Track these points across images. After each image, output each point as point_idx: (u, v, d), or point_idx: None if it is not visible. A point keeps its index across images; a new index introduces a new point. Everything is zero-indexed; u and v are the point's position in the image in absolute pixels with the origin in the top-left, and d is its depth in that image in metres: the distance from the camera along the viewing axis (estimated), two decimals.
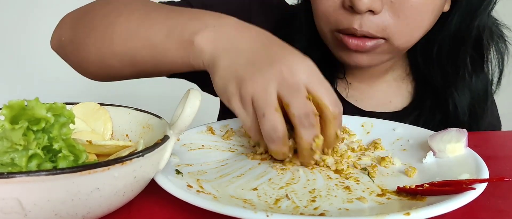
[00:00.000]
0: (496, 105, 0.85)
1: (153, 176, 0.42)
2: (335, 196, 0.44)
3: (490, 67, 0.77)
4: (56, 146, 0.38)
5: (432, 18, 0.66)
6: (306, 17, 0.74)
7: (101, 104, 0.51)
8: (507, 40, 0.76)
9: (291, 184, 0.47)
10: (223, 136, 0.59)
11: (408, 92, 0.80)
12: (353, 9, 0.61)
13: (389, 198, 0.44)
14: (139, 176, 0.38)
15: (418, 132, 0.59)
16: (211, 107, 0.85)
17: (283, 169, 0.51)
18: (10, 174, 0.31)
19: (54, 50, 0.68)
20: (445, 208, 0.37)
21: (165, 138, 0.41)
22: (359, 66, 0.69)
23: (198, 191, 0.43)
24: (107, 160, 0.35)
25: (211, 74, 0.50)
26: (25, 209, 0.33)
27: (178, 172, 0.47)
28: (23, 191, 0.32)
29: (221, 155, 0.55)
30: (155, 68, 0.57)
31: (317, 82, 0.47)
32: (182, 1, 0.75)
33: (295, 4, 0.83)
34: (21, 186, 0.32)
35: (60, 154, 0.38)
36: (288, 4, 0.84)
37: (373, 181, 0.48)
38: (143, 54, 0.56)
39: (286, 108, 0.46)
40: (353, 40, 0.64)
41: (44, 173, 0.32)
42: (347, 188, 0.46)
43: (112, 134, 0.50)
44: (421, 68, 0.78)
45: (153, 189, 0.42)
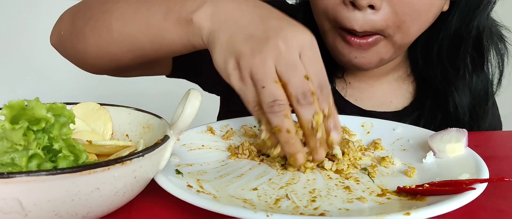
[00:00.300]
0: (497, 107, 0.85)
1: (153, 176, 0.42)
2: (335, 196, 0.44)
3: (490, 68, 0.77)
4: (56, 146, 0.38)
5: (431, 15, 0.66)
6: (305, 17, 0.74)
7: (101, 104, 0.51)
8: (506, 41, 0.76)
9: (291, 184, 0.47)
10: (223, 136, 0.59)
11: (408, 92, 0.80)
12: (354, 5, 0.61)
13: (389, 198, 0.44)
14: (139, 176, 0.38)
15: (418, 132, 0.59)
16: (211, 107, 0.85)
17: (283, 169, 0.51)
18: (10, 174, 0.31)
19: (54, 46, 0.68)
20: (445, 208, 0.37)
21: (165, 138, 0.41)
22: (359, 67, 0.69)
23: (198, 191, 0.43)
24: (107, 160, 0.35)
25: (211, 51, 0.50)
26: (25, 209, 0.33)
27: (178, 172, 0.47)
28: (23, 191, 0.32)
29: (221, 155, 0.55)
30: (155, 51, 0.57)
31: (312, 59, 0.47)
32: None
33: (294, 4, 0.83)
34: (21, 186, 0.32)
35: (60, 154, 0.38)
36: (288, 4, 0.84)
37: (373, 181, 0.48)
38: (141, 38, 0.56)
39: (284, 86, 0.46)
40: (354, 38, 0.64)
41: (44, 173, 0.32)
42: (347, 188, 0.46)
43: (112, 134, 0.50)
44: (422, 68, 0.78)
45: (153, 189, 0.42)
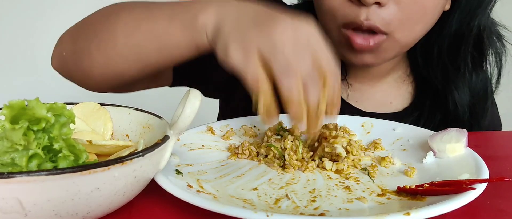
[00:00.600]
0: (497, 106, 0.85)
1: (153, 176, 0.42)
2: (335, 196, 0.44)
3: (489, 67, 0.77)
4: (56, 146, 0.38)
5: (435, 14, 0.66)
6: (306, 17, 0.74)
7: (101, 104, 0.51)
8: (506, 40, 0.76)
9: (291, 184, 0.47)
10: (223, 136, 0.59)
11: (408, 93, 0.80)
12: (360, 2, 0.62)
13: (389, 198, 0.44)
14: (139, 176, 0.38)
15: (418, 132, 0.59)
16: (211, 107, 0.85)
17: (282, 169, 0.51)
18: (10, 174, 0.31)
19: (56, 69, 0.67)
20: (445, 208, 0.37)
21: (165, 138, 0.41)
22: (365, 65, 0.69)
23: (198, 191, 0.43)
24: (107, 160, 0.35)
25: (215, 43, 0.50)
26: (25, 209, 0.33)
27: (178, 172, 0.47)
28: (23, 191, 0.32)
29: (221, 155, 0.55)
30: (160, 58, 0.57)
31: (319, 46, 0.48)
32: None
33: (293, 5, 0.83)
34: (21, 186, 0.32)
35: (60, 154, 0.38)
36: (286, 5, 0.84)
37: (373, 181, 0.48)
38: (146, 46, 0.56)
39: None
40: (358, 38, 0.64)
41: (44, 173, 0.32)
42: (347, 188, 0.46)
43: (112, 134, 0.50)
44: (421, 67, 0.78)
45: (153, 189, 0.42)
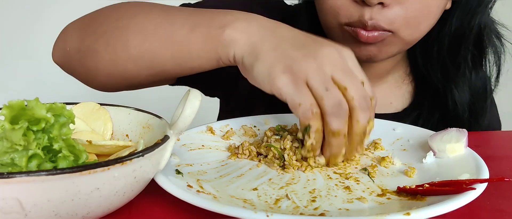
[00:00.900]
0: (496, 106, 0.85)
1: (153, 176, 0.42)
2: (335, 196, 0.44)
3: (488, 66, 0.77)
4: (56, 146, 0.38)
5: (438, 12, 0.67)
6: (307, 17, 0.74)
7: (101, 104, 0.51)
8: (505, 39, 0.76)
9: (291, 184, 0.47)
10: (223, 136, 0.59)
11: (408, 93, 0.80)
12: (364, 2, 0.62)
13: (389, 198, 0.44)
14: (139, 176, 0.38)
15: (418, 132, 0.59)
16: (211, 107, 0.85)
17: (282, 169, 0.51)
18: (10, 174, 0.31)
19: (57, 64, 0.65)
20: (445, 208, 0.37)
21: (165, 138, 0.41)
22: (369, 59, 0.69)
23: (198, 191, 0.43)
24: (107, 160, 0.35)
25: (251, 65, 0.49)
26: (25, 209, 0.33)
27: (178, 172, 0.47)
28: (23, 191, 0.32)
29: (221, 155, 0.55)
30: (177, 67, 0.55)
31: (357, 70, 0.49)
32: (180, 5, 0.74)
33: (294, 4, 0.83)
34: (21, 186, 0.32)
35: (60, 154, 0.38)
36: (286, 4, 0.84)
37: (373, 181, 0.48)
38: (163, 54, 0.54)
39: (343, 91, 0.47)
40: (363, 31, 0.64)
41: (44, 173, 0.32)
42: (347, 188, 0.46)
43: (112, 134, 0.50)
44: (421, 67, 0.78)
45: (153, 189, 0.42)
